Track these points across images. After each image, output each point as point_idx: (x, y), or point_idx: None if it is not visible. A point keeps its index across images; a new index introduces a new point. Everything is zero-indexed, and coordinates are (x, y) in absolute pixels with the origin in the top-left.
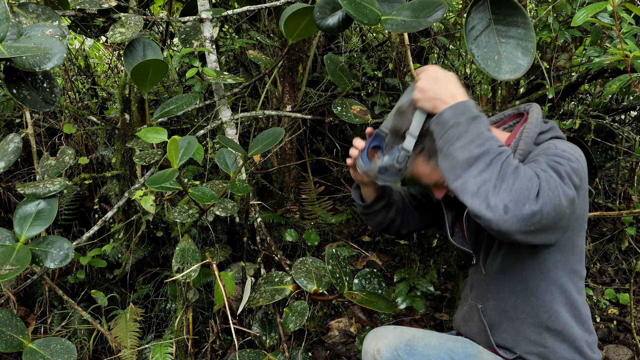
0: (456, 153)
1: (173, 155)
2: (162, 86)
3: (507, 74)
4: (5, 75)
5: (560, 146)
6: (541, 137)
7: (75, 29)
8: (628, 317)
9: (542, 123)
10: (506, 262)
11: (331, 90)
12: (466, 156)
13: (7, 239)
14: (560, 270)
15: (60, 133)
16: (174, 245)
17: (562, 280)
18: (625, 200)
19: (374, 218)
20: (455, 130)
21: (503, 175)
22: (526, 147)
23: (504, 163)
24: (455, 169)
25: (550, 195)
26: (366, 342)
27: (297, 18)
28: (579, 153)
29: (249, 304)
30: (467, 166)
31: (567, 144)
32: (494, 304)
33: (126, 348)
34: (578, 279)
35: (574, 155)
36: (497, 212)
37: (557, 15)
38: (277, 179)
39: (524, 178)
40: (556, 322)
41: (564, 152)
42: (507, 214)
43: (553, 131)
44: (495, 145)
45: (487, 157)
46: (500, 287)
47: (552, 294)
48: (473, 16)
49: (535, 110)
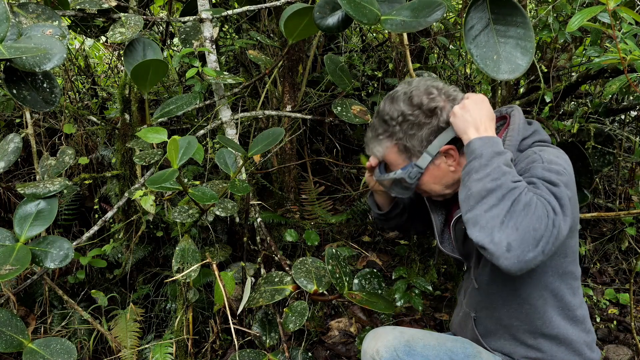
0: (472, 185)
1: (173, 155)
2: (162, 86)
3: (506, 74)
4: (5, 75)
5: (545, 157)
6: (524, 143)
7: (75, 29)
8: (628, 317)
9: (523, 128)
10: (496, 273)
11: (331, 90)
12: (480, 189)
13: (7, 239)
14: (551, 275)
15: (60, 133)
16: (174, 245)
17: (554, 285)
18: (625, 200)
19: (389, 223)
20: (477, 163)
21: (512, 212)
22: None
23: (516, 200)
24: (469, 200)
25: (555, 234)
26: (365, 342)
27: (297, 18)
28: (563, 159)
29: (249, 304)
30: (480, 199)
31: (552, 151)
32: (488, 312)
33: (126, 348)
34: (572, 279)
35: (561, 166)
36: (499, 249)
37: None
38: (277, 179)
39: (532, 217)
40: (551, 327)
41: (551, 165)
42: (509, 252)
43: (536, 135)
44: (509, 180)
45: (499, 191)
46: (492, 297)
47: (545, 300)
48: (472, 16)
49: (516, 114)
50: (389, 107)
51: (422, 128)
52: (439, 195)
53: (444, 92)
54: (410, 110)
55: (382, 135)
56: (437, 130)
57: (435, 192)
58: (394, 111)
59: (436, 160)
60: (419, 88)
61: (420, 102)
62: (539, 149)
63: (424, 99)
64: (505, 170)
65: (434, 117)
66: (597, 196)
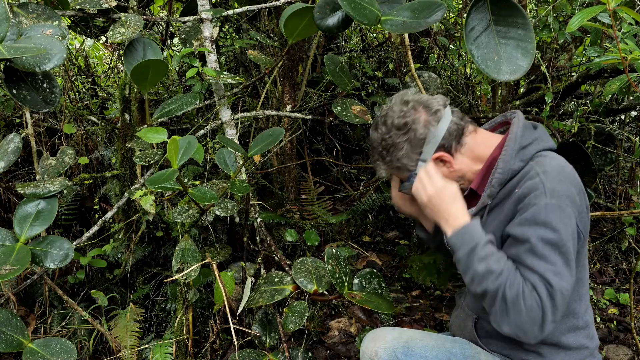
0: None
1: (173, 155)
2: (162, 86)
3: (506, 75)
4: (5, 75)
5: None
6: (525, 153)
7: (75, 29)
8: (628, 317)
9: (522, 136)
10: None
11: (331, 90)
12: (473, 291)
13: (7, 239)
14: None
15: (60, 133)
16: (174, 245)
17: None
18: (625, 200)
19: (435, 242)
20: (459, 266)
21: (505, 312)
22: (505, 165)
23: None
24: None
25: (556, 305)
26: (364, 344)
27: (297, 18)
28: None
29: (249, 304)
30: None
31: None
32: (488, 316)
33: (126, 348)
34: (580, 286)
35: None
36: (514, 336)
37: (557, 15)
38: (277, 179)
39: (524, 312)
40: (552, 334)
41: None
42: (525, 337)
43: (538, 143)
44: (491, 282)
45: (488, 296)
46: None
47: None
48: (473, 17)
49: (516, 122)
50: (373, 133)
51: (402, 146)
52: None
53: (415, 103)
54: (387, 133)
55: (378, 161)
56: (418, 143)
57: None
58: (377, 137)
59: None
60: (392, 108)
61: (392, 122)
62: (541, 166)
63: (395, 118)
64: (484, 271)
65: (409, 131)
66: (598, 196)
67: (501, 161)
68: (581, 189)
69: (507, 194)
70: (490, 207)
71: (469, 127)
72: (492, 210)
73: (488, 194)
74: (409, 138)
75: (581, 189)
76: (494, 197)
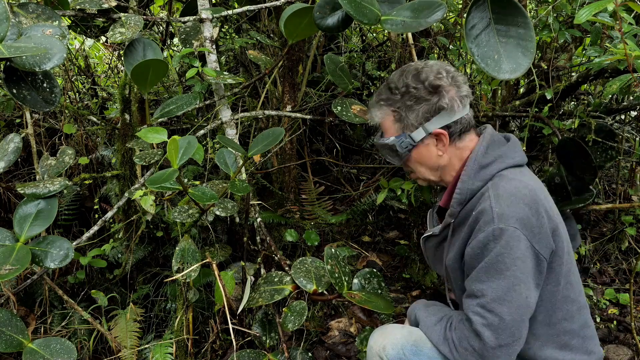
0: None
1: (173, 155)
2: (162, 86)
3: (507, 73)
4: (5, 75)
5: (497, 209)
6: (483, 173)
7: (75, 29)
8: (628, 317)
9: (483, 156)
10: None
11: (331, 90)
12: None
13: (7, 239)
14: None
15: (60, 133)
16: (174, 245)
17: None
18: (625, 200)
19: None
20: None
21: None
22: (463, 185)
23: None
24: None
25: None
26: (372, 339)
27: (297, 18)
28: (523, 200)
29: (249, 304)
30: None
31: (508, 190)
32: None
33: (126, 348)
34: (568, 304)
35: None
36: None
37: (557, 15)
38: (277, 179)
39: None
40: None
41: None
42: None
43: (500, 162)
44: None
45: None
46: None
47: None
48: (473, 15)
49: (481, 140)
50: (397, 77)
51: (421, 103)
52: (423, 178)
53: (452, 76)
54: (415, 84)
55: (384, 101)
56: (435, 110)
57: (419, 172)
58: (400, 82)
59: (427, 139)
60: (431, 67)
61: (426, 78)
62: (495, 189)
63: (430, 76)
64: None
65: (436, 95)
66: (597, 196)
67: (460, 181)
68: (540, 209)
69: (468, 214)
70: (454, 226)
71: (473, 130)
72: (455, 229)
73: (449, 214)
74: (432, 100)
75: (540, 209)
76: (456, 217)
